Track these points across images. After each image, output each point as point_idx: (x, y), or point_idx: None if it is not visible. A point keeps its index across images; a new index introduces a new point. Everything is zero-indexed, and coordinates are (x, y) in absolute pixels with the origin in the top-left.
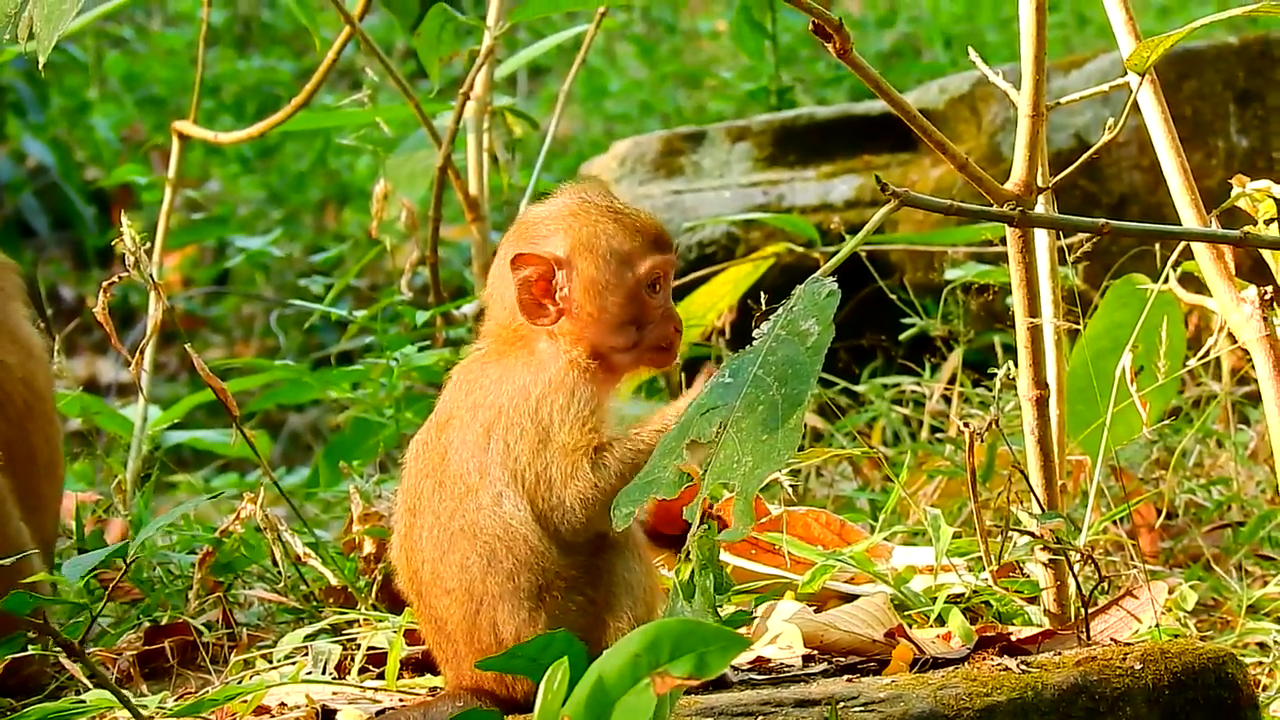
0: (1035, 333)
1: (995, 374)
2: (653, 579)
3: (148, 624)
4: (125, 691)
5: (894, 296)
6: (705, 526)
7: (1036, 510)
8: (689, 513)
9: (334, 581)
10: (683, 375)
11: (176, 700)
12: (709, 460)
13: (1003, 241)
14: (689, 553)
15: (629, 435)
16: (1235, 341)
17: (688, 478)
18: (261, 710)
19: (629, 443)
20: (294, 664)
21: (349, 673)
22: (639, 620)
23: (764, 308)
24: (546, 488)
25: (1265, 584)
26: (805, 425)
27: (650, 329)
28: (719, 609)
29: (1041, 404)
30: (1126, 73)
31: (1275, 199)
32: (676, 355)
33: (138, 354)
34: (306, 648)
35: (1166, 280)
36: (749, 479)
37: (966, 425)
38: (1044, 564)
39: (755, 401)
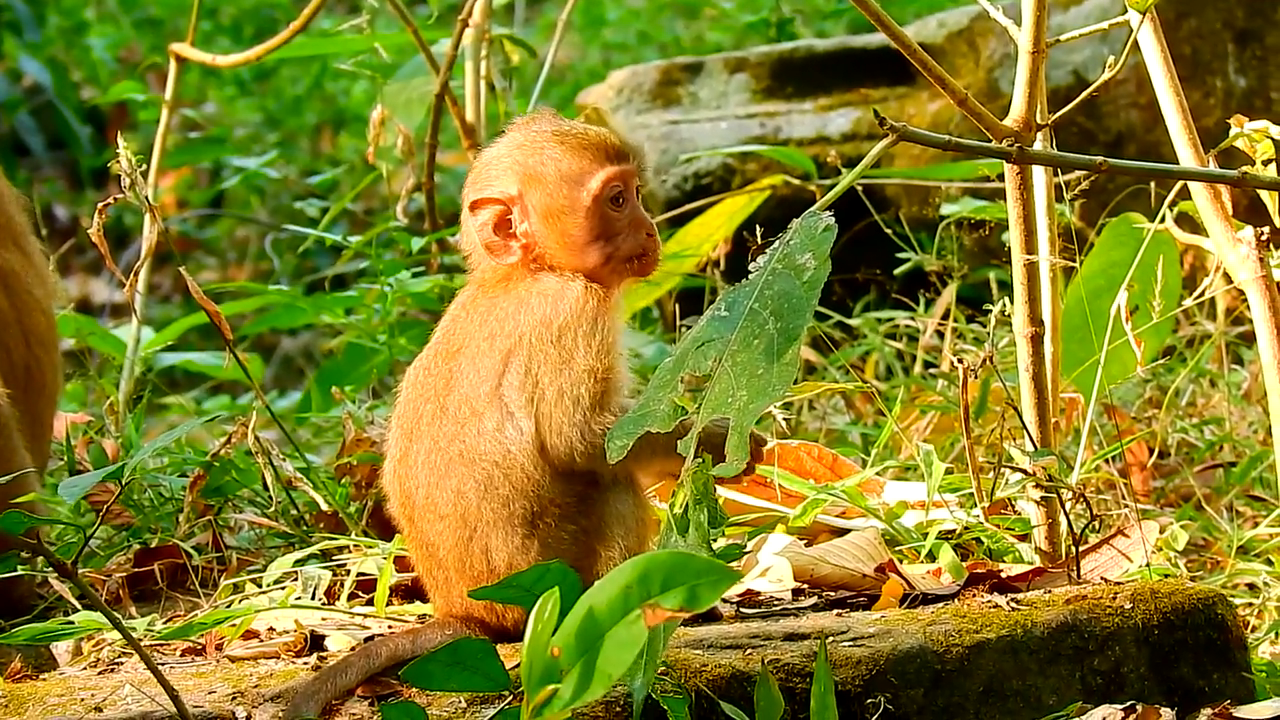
0: (1031, 269)
1: (990, 310)
2: (645, 511)
3: (137, 546)
4: (114, 614)
5: (889, 231)
6: (699, 460)
7: (1029, 447)
8: (683, 446)
9: (324, 506)
10: (676, 307)
11: (165, 623)
12: (704, 394)
13: (1000, 178)
14: (683, 485)
15: None
16: (1230, 281)
17: (683, 411)
18: (250, 634)
19: None
20: (283, 589)
21: (338, 598)
22: (630, 551)
23: (760, 241)
24: (572, 404)
25: (1256, 525)
26: (799, 359)
27: (621, 239)
28: (712, 542)
29: (1036, 341)
30: (1126, 10)
31: (1273, 139)
32: (656, 262)
33: (132, 276)
34: (296, 573)
35: (1163, 219)
36: (744, 413)
37: (960, 361)
38: (1036, 501)
39: (751, 335)
